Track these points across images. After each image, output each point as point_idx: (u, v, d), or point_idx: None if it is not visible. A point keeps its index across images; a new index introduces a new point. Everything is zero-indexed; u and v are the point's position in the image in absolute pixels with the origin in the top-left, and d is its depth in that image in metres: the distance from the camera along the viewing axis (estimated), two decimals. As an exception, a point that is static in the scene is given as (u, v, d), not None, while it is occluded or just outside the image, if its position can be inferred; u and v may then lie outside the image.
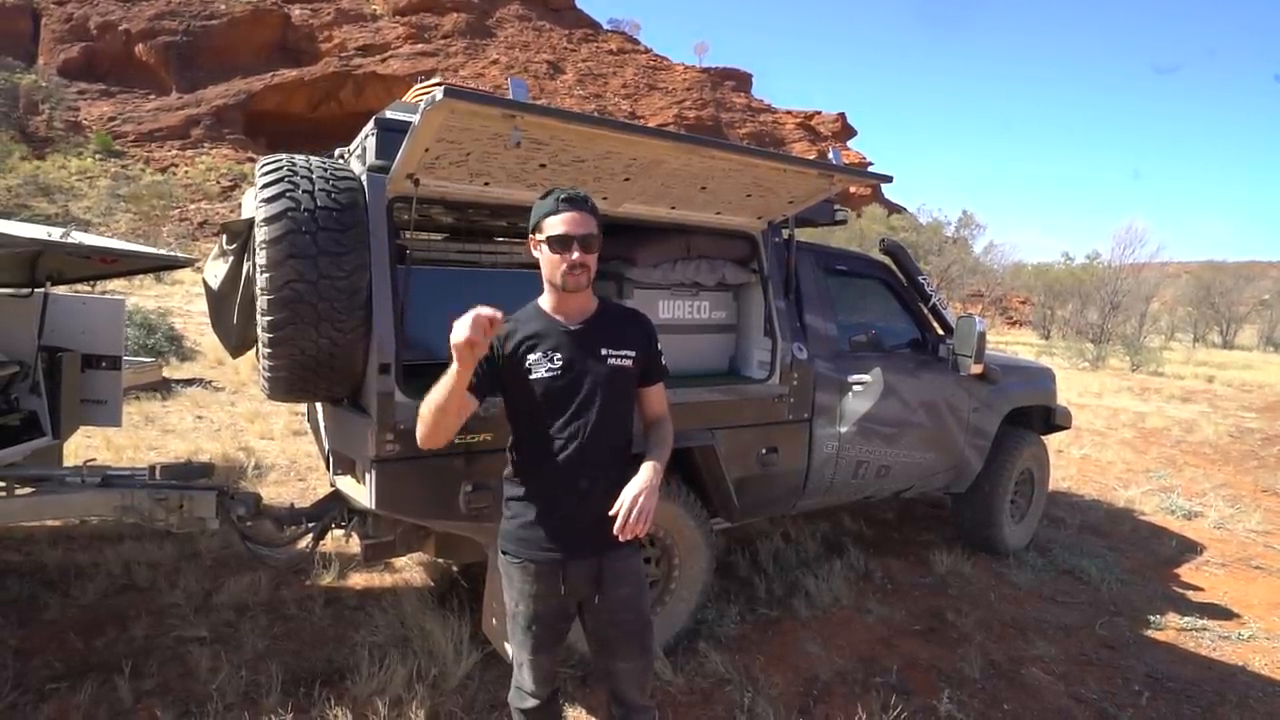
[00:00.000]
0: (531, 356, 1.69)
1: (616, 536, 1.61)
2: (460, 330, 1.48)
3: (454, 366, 1.53)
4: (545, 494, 1.72)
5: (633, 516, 1.61)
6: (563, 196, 1.66)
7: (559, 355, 1.69)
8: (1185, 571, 4.43)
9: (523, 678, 1.82)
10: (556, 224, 1.65)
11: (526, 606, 1.75)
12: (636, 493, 1.64)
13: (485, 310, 1.49)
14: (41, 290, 3.70)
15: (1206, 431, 9.62)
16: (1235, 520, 5.59)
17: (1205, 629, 3.60)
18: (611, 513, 1.63)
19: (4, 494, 2.95)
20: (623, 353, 1.75)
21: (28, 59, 45.33)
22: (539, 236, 1.69)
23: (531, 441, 1.74)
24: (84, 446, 5.18)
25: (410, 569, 3.72)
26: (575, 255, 1.65)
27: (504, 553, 1.78)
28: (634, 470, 1.72)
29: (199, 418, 6.95)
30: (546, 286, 1.74)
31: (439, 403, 1.58)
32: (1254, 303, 44.57)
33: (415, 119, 1.95)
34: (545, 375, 1.69)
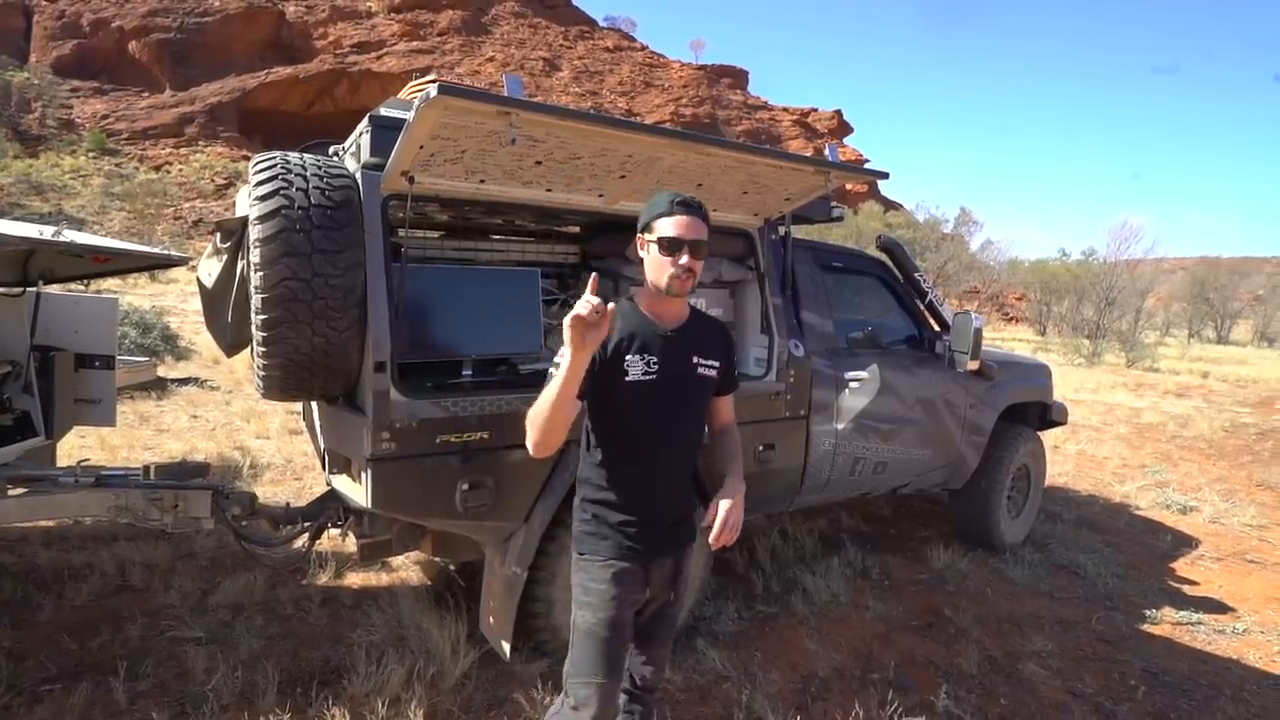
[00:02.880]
0: (629, 357, 1.67)
1: (692, 537, 1.71)
2: (579, 307, 1.43)
3: (567, 359, 1.48)
4: (629, 496, 1.71)
5: (727, 527, 1.65)
6: (677, 200, 1.65)
7: (655, 359, 1.68)
8: (1181, 566, 4.45)
9: (588, 713, 1.66)
10: (668, 225, 1.63)
11: (610, 612, 1.67)
12: (730, 505, 1.67)
13: (596, 299, 1.45)
14: (33, 289, 3.68)
15: (1201, 427, 9.65)
16: (1230, 515, 5.61)
17: (1201, 623, 3.62)
18: (705, 524, 1.67)
19: (-3, 494, 2.93)
20: (710, 362, 1.77)
21: (20, 56, 45.04)
22: (649, 236, 1.67)
23: (617, 445, 1.72)
24: (78, 446, 5.15)
25: (407, 568, 3.71)
26: (685, 260, 1.63)
27: (581, 553, 1.74)
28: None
29: (194, 417, 6.93)
30: (647, 287, 1.72)
31: (553, 400, 1.53)
32: (1249, 298, 44.82)
33: (410, 116, 1.94)
34: (641, 378, 1.67)
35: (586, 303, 1.44)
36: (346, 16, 53.12)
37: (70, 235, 3.19)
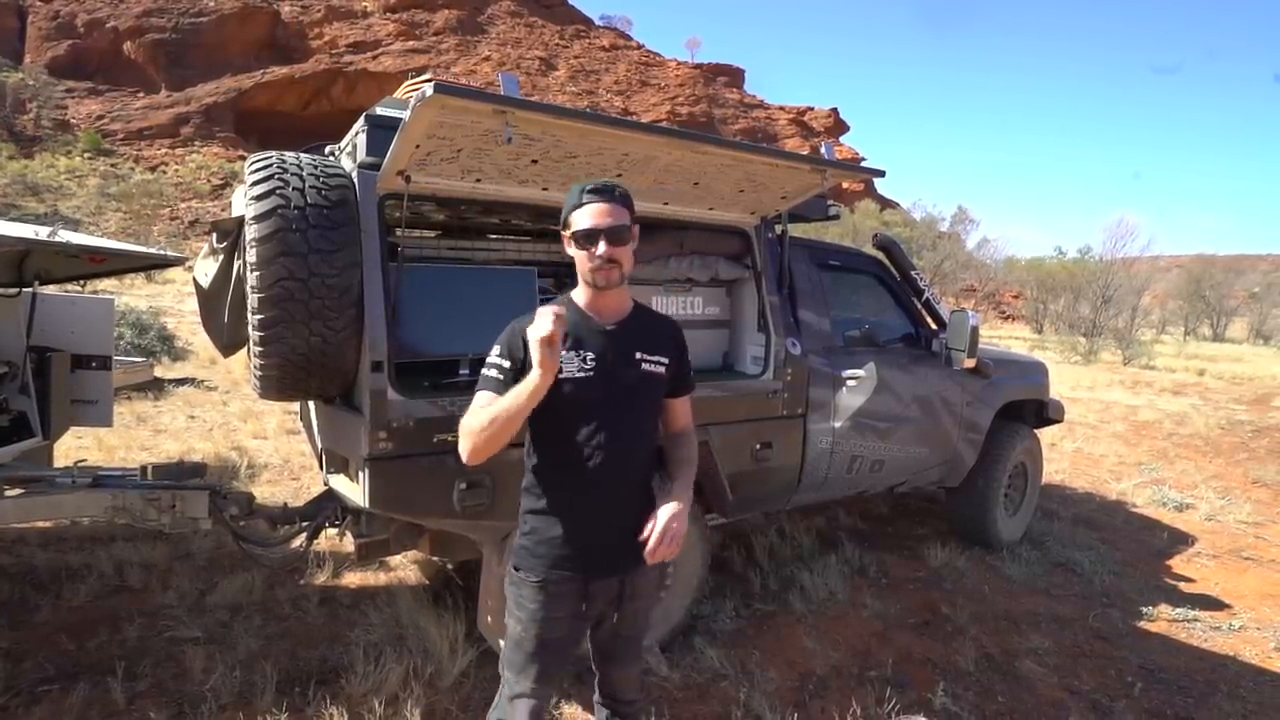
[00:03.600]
0: (564, 354, 1.56)
1: (643, 554, 1.57)
2: (543, 326, 1.42)
3: (534, 375, 1.45)
4: (571, 507, 1.62)
5: (665, 542, 1.55)
6: (588, 188, 1.58)
7: (591, 355, 1.60)
8: (1177, 563, 4.47)
9: (514, 712, 1.65)
10: (582, 217, 1.56)
11: (538, 630, 1.62)
12: (669, 517, 1.57)
13: (553, 307, 1.45)
14: (29, 290, 3.67)
15: (1197, 424, 9.68)
16: (1226, 512, 5.63)
17: (1197, 620, 3.63)
18: (641, 537, 1.57)
19: (-6, 495, 2.92)
20: (656, 358, 1.67)
21: (14, 57, 44.86)
22: (567, 232, 1.60)
23: (556, 449, 1.64)
24: (75, 447, 5.14)
25: (405, 567, 3.71)
26: (602, 249, 1.55)
27: (516, 569, 1.66)
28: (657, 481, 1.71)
29: (191, 417, 6.91)
30: (581, 283, 1.66)
31: (509, 414, 1.48)
32: (1244, 296, 44.95)
33: (406, 115, 1.94)
34: (577, 375, 1.58)
35: (555, 317, 1.42)
36: (342, 16, 52.96)
37: (66, 235, 3.18)
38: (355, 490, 2.39)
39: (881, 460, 3.63)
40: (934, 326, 4.04)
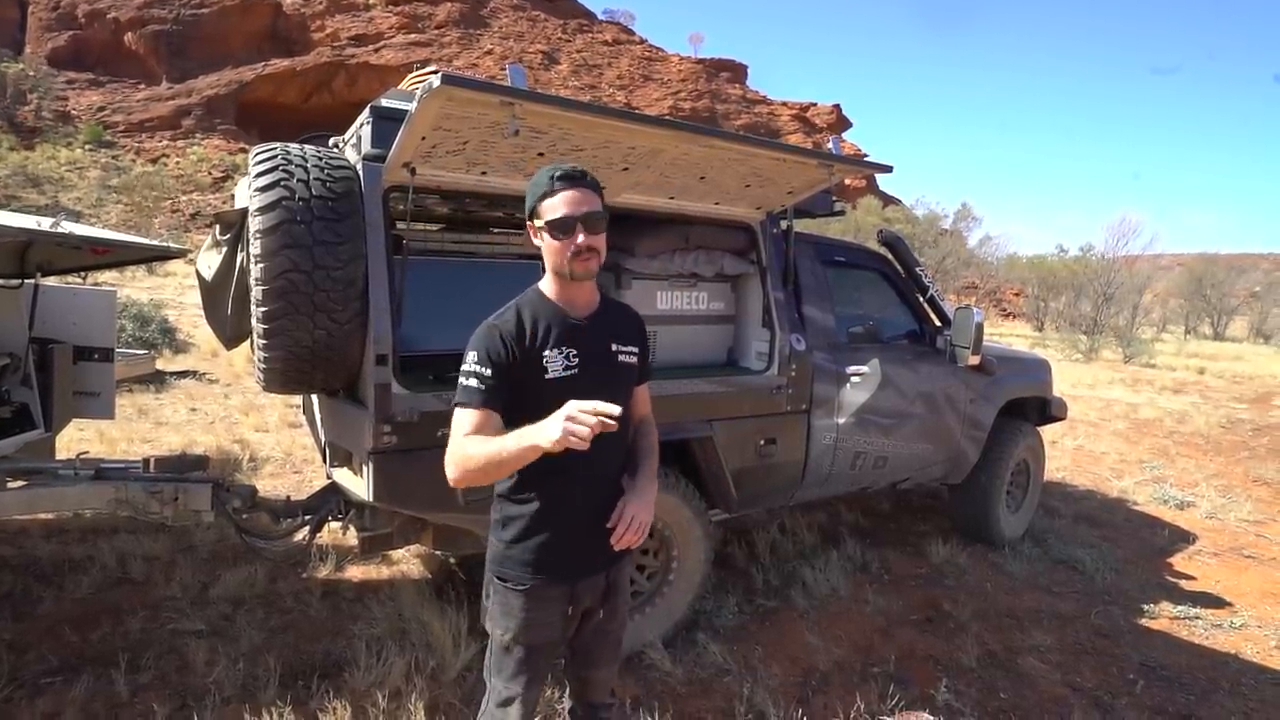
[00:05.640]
0: (547, 352, 1.52)
1: (623, 548, 1.53)
2: (562, 434, 1.29)
3: (550, 435, 1.31)
4: (558, 511, 1.56)
5: (631, 529, 1.51)
6: (558, 174, 1.49)
7: (574, 352, 1.54)
8: (1178, 561, 4.47)
9: (506, 716, 1.62)
10: (556, 206, 1.48)
11: (528, 637, 1.58)
12: (637, 504, 1.55)
13: (601, 408, 1.31)
14: (31, 281, 3.66)
15: (1198, 422, 9.68)
16: (1227, 510, 5.63)
17: (1198, 618, 3.63)
18: (610, 524, 1.53)
19: (-4, 487, 2.92)
20: (629, 349, 1.64)
21: (15, 48, 44.72)
22: (537, 222, 1.51)
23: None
24: (77, 439, 5.14)
25: (408, 561, 3.71)
26: (581, 239, 1.48)
27: (501, 579, 1.60)
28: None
29: (193, 410, 6.91)
30: (551, 276, 1.57)
31: (506, 461, 1.38)
32: (1245, 295, 44.91)
33: (412, 107, 1.93)
34: (563, 374, 1.52)
35: (601, 420, 1.29)
36: (344, 9, 52.76)
37: (68, 227, 3.17)
38: (359, 484, 2.38)
39: (885, 457, 3.62)
40: (938, 323, 4.03)
